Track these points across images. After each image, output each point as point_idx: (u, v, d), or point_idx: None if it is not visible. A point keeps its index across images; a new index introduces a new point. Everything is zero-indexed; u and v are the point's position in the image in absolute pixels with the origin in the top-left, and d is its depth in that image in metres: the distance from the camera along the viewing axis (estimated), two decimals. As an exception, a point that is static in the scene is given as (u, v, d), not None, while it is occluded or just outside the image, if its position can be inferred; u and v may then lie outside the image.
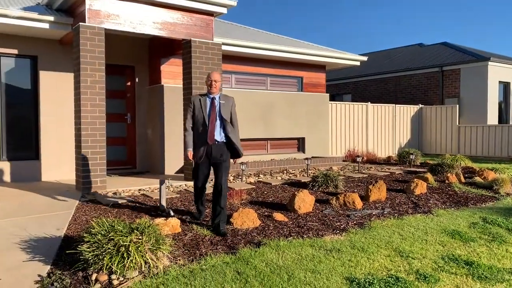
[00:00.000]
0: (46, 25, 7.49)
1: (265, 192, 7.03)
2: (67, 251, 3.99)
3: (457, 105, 14.87)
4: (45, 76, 8.42)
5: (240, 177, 8.31)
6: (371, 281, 3.56)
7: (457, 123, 14.77)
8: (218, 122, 4.75)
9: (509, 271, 3.86)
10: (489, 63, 14.96)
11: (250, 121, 10.57)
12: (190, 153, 4.73)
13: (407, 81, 17.44)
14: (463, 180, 8.29)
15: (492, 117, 15.20)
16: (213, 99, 4.78)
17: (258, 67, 11.18)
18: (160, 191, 5.80)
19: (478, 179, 8.32)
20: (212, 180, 6.20)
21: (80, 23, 6.89)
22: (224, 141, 4.81)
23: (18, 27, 7.47)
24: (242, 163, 8.24)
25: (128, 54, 9.41)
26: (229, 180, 8.17)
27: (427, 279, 3.65)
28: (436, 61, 16.70)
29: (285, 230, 4.91)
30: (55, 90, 8.51)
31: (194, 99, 4.81)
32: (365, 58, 12.78)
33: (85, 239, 3.65)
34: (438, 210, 6.09)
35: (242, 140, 8.58)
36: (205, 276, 3.60)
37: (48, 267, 3.72)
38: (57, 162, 8.55)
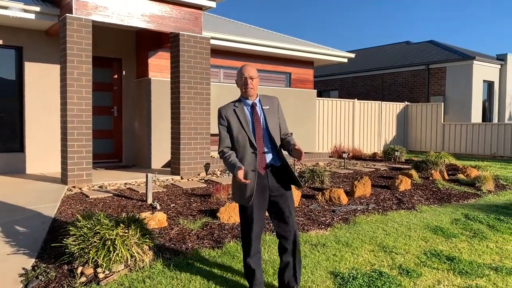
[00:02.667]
0: (32, 16, 7.37)
1: (252, 187, 7.04)
2: (52, 244, 3.97)
3: (442, 103, 15.07)
4: (30, 67, 8.29)
5: (227, 172, 8.32)
6: (355, 275, 3.62)
7: (442, 121, 14.98)
8: (267, 138, 3.22)
9: (489, 267, 3.96)
10: (474, 62, 15.18)
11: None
12: (242, 172, 3.02)
13: (393, 79, 17.60)
14: (446, 177, 8.43)
15: (476, 116, 15.45)
16: (253, 106, 3.23)
17: (247, 62, 11.17)
18: (146, 185, 5.80)
19: (461, 176, 8.47)
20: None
21: (67, 15, 6.81)
22: (281, 163, 3.25)
23: (2, 17, 7.33)
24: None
25: (115, 47, 9.33)
26: (216, 175, 8.17)
27: (409, 273, 3.73)
28: (422, 59, 16.88)
29: (271, 224, 4.95)
30: (40, 81, 8.40)
31: (225, 112, 3.20)
32: (352, 55, 12.86)
33: (71, 233, 3.64)
34: (422, 206, 6.20)
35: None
36: (191, 270, 3.62)
37: (33, 260, 3.70)
38: (42, 154, 8.45)
